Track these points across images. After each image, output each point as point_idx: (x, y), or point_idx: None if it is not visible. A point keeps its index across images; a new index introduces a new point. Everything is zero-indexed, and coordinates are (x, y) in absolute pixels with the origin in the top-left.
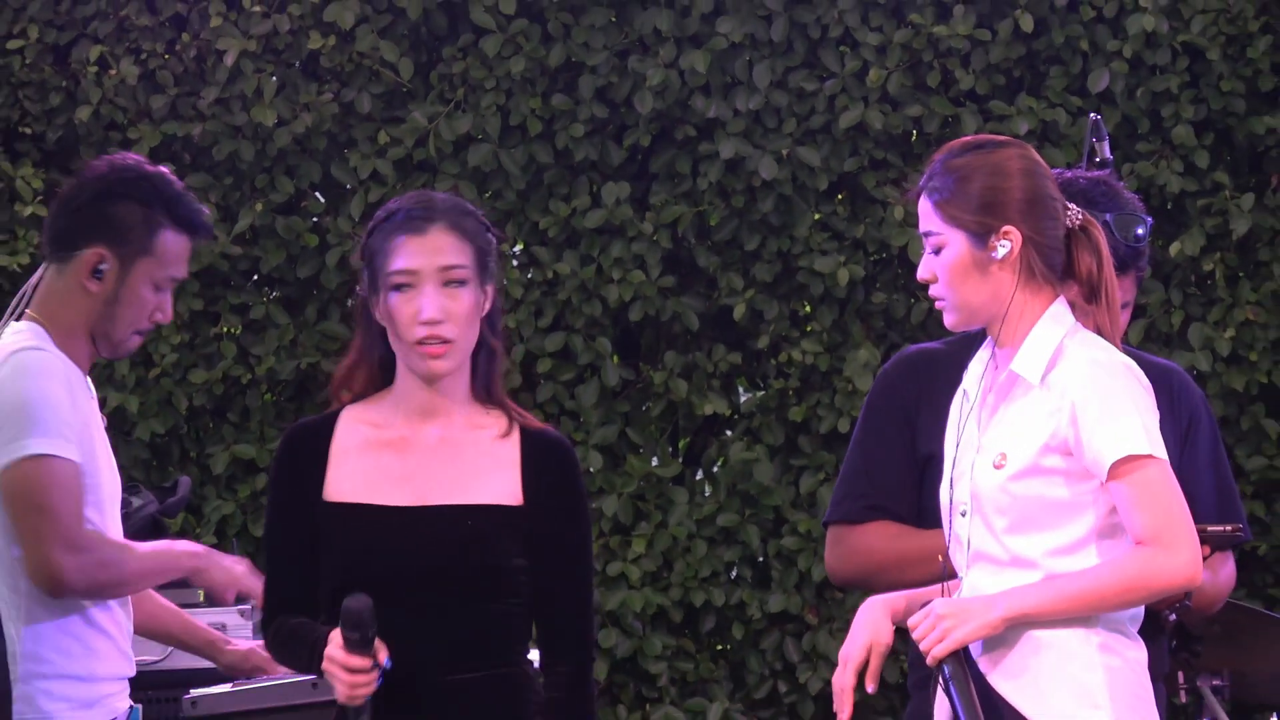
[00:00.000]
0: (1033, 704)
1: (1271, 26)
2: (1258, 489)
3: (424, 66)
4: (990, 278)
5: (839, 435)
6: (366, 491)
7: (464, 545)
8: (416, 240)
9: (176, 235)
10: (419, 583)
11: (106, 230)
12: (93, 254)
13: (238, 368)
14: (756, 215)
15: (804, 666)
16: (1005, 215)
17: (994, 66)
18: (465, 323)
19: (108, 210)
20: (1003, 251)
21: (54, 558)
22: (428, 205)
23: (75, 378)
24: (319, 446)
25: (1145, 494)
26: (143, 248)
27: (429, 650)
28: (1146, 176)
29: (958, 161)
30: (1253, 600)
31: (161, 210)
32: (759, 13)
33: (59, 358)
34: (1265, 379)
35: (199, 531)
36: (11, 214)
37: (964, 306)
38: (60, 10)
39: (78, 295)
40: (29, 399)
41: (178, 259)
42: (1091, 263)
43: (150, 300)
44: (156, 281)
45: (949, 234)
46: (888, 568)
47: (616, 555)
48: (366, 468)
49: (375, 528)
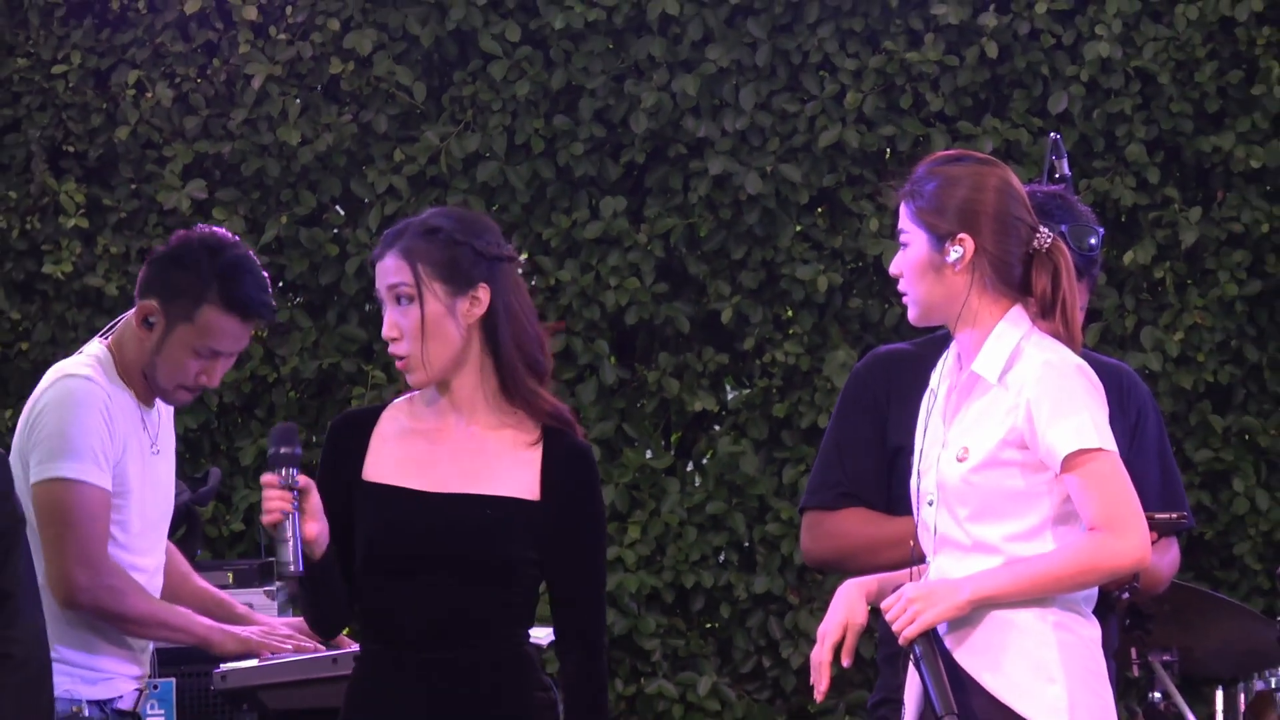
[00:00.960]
0: (994, 678)
1: (1217, 53)
2: (1204, 479)
3: (436, 90)
4: (945, 280)
5: (819, 430)
6: (398, 475)
7: (478, 532)
8: (378, 268)
9: (221, 313)
10: (433, 562)
11: (161, 290)
12: (146, 305)
13: (264, 368)
14: (742, 227)
15: (786, 643)
16: (966, 225)
17: (961, 90)
18: (415, 335)
19: (169, 272)
20: (954, 256)
21: (69, 573)
22: (396, 232)
23: (120, 406)
24: (364, 432)
25: (1097, 484)
26: (184, 315)
27: (437, 626)
28: (1102, 191)
29: (941, 170)
30: (1200, 582)
31: (214, 287)
32: (745, 40)
33: (104, 388)
34: (1211, 378)
35: (228, 518)
36: (56, 226)
37: (921, 303)
38: (101, 38)
39: (134, 338)
40: (67, 425)
41: (220, 334)
42: (1047, 283)
43: (190, 365)
44: (195, 349)
45: (914, 234)
46: (860, 551)
47: (613, 540)
48: (401, 454)
49: (400, 508)
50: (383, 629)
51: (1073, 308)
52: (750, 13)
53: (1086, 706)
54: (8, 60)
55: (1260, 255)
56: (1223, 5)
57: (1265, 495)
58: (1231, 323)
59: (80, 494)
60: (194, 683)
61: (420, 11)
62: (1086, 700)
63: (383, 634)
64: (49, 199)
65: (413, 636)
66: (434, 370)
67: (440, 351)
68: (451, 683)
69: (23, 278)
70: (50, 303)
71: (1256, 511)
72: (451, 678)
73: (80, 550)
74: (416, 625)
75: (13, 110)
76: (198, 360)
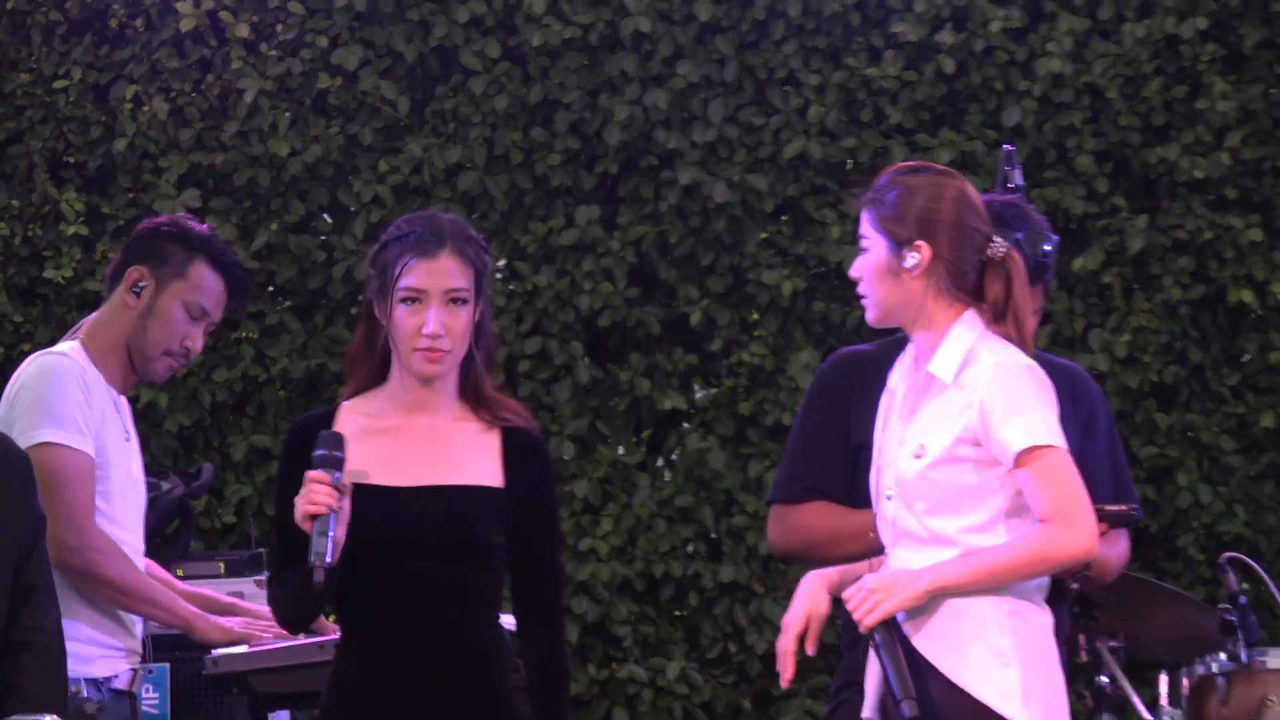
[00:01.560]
0: (951, 663)
1: (1163, 69)
2: (1149, 474)
3: (419, 104)
4: (902, 283)
5: (783, 427)
6: (362, 474)
7: (452, 520)
8: (427, 264)
9: (210, 271)
10: (411, 552)
11: (149, 256)
12: (134, 272)
13: (255, 368)
14: (711, 234)
15: (751, 630)
16: (923, 232)
17: (919, 104)
18: (461, 337)
19: (153, 243)
20: (911, 262)
21: (58, 533)
22: (437, 231)
23: (96, 383)
24: None
25: (1048, 478)
26: (178, 272)
27: (416, 612)
28: (1053, 200)
29: (901, 180)
30: (1145, 571)
31: (200, 249)
32: (713, 57)
33: (80, 364)
34: (1156, 378)
35: (220, 511)
36: (56, 233)
37: (879, 305)
38: (100, 54)
39: (118, 311)
40: (45, 394)
41: (209, 292)
42: (1000, 291)
43: (180, 322)
44: (187, 305)
45: (874, 239)
46: (823, 542)
47: (587, 532)
48: (364, 453)
49: (369, 505)
50: (363, 618)
51: (1024, 313)
52: (718, 30)
53: (1039, 690)
54: (11, 75)
55: (1203, 261)
56: (1168, 24)
57: (1207, 490)
58: (1175, 325)
59: (65, 457)
60: (186, 668)
61: (404, 29)
62: (1039, 684)
63: (363, 622)
64: (50, 207)
65: (393, 623)
66: (452, 366)
67: (463, 352)
68: (432, 666)
69: (25, 282)
70: (51, 306)
71: (1199, 505)
72: (432, 661)
73: (68, 512)
74: (396, 613)
75: (16, 123)
76: (188, 321)
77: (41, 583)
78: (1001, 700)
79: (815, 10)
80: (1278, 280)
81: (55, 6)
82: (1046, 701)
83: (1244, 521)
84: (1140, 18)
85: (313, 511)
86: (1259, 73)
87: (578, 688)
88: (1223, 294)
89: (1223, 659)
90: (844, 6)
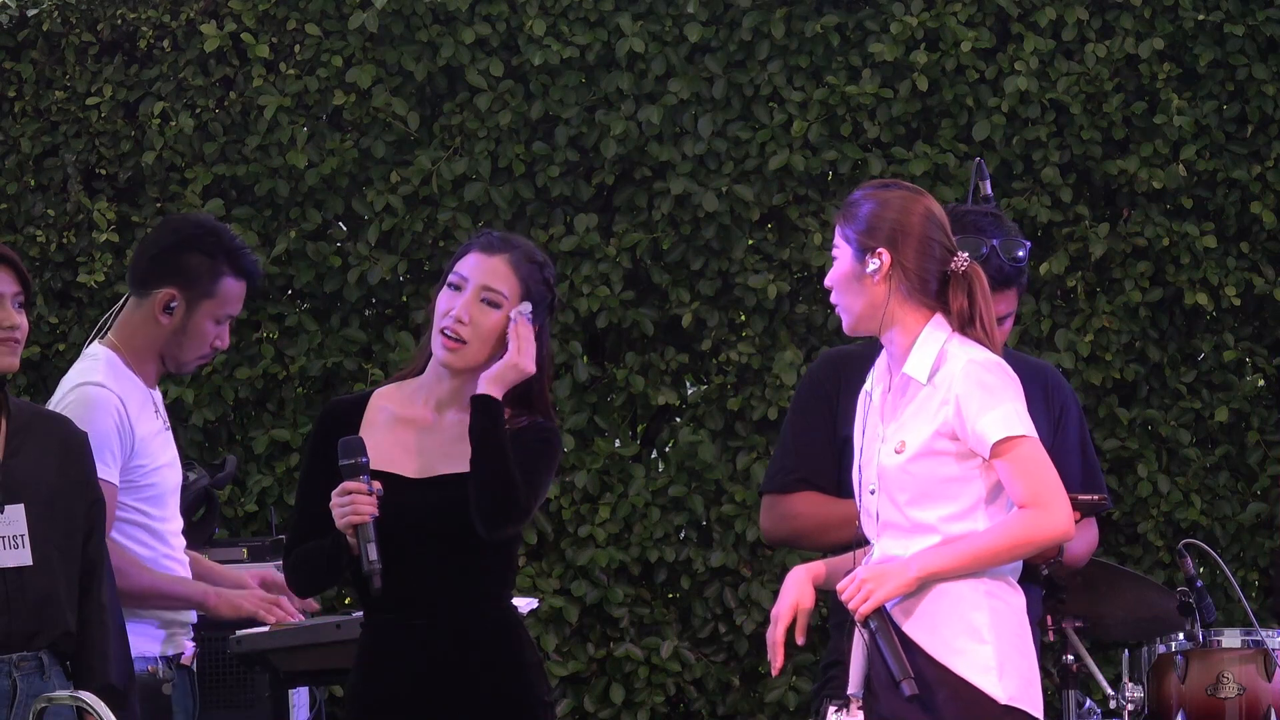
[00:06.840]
0: (932, 640)
1: (1123, 86)
2: (1112, 466)
3: (428, 119)
4: (866, 289)
5: (769, 422)
6: (388, 462)
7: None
8: (481, 257)
9: (235, 281)
10: (431, 538)
11: (178, 276)
12: (165, 294)
13: (275, 366)
14: (701, 241)
15: (740, 611)
16: (886, 242)
17: (895, 119)
18: (484, 336)
19: (180, 259)
20: (872, 267)
21: None
22: (506, 240)
23: (135, 399)
24: (352, 418)
25: (1023, 466)
26: (207, 291)
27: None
28: (1020, 209)
29: (873, 195)
30: (1107, 557)
31: (224, 261)
32: (703, 75)
33: (115, 391)
34: (1118, 375)
35: (243, 501)
36: (90, 240)
37: (849, 311)
38: (130, 73)
39: (151, 326)
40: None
41: (235, 300)
42: (962, 301)
43: (211, 332)
44: (216, 318)
45: (843, 249)
46: (812, 531)
47: (586, 520)
48: (390, 441)
49: (386, 494)
50: (386, 600)
51: (990, 320)
52: (708, 51)
53: (1014, 664)
54: (47, 93)
55: (1161, 266)
56: (1128, 44)
57: (1166, 480)
58: (1136, 326)
59: None
60: (212, 647)
61: (414, 50)
62: (1014, 659)
63: (386, 605)
64: (83, 216)
65: (415, 606)
66: (473, 364)
67: (485, 352)
68: (453, 645)
69: (60, 286)
70: (84, 309)
71: (1158, 494)
72: (453, 640)
73: None
74: (419, 595)
75: (51, 137)
76: (216, 327)
77: (101, 559)
78: (979, 674)
79: (798, 32)
80: (1231, 284)
81: (88, 29)
82: (1021, 676)
83: (1200, 510)
84: (1101, 38)
85: (357, 521)
86: (1212, 90)
87: (577, 665)
88: (1180, 296)
89: (1181, 639)
90: (825, 28)
